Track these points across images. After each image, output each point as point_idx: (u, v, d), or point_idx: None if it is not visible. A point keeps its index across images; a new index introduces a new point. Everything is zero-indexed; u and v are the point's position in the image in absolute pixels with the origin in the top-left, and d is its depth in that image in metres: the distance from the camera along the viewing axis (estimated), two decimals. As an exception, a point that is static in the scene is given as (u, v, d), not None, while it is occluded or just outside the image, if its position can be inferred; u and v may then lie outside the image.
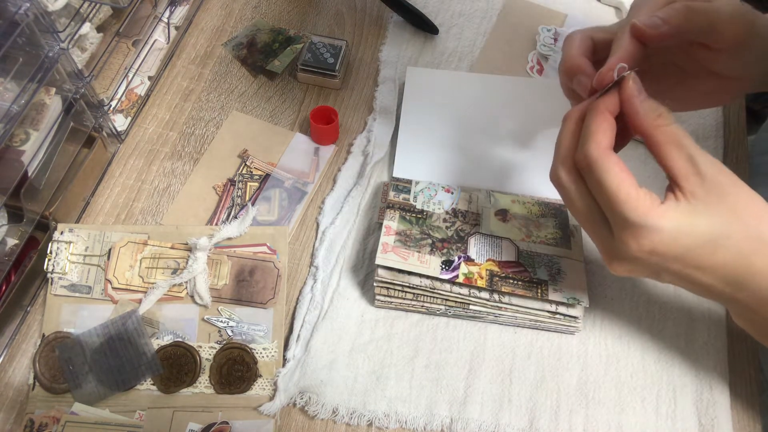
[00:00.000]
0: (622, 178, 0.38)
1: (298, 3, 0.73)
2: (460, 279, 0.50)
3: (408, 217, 0.54)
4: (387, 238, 0.52)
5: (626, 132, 0.43)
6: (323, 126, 0.60)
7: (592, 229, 0.42)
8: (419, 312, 0.53)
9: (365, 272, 0.55)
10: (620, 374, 0.51)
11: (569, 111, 0.43)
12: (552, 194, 0.59)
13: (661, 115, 0.39)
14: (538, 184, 0.60)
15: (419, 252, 0.52)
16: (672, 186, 0.39)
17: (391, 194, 0.56)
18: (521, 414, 0.49)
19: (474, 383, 0.50)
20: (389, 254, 0.51)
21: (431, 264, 0.51)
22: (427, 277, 0.50)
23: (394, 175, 0.60)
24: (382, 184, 0.60)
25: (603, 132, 0.40)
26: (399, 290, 0.51)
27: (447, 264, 0.51)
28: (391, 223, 0.54)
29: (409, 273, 0.51)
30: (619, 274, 0.42)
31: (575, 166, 0.41)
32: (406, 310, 0.53)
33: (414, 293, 0.51)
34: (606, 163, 0.38)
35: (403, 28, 0.71)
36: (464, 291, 0.50)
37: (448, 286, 0.51)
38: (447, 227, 0.54)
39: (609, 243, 0.41)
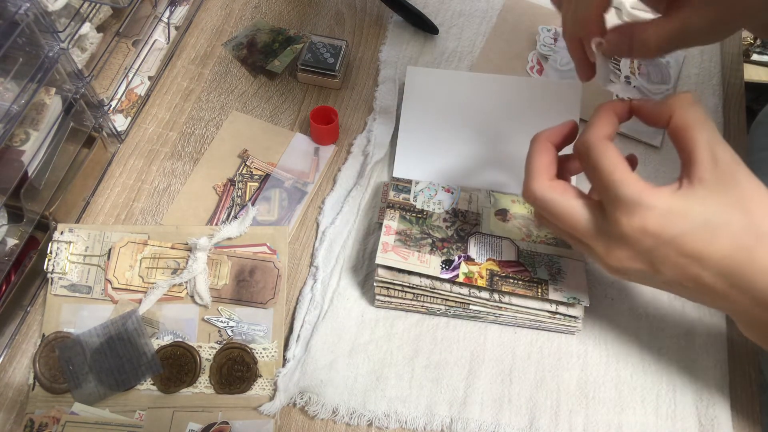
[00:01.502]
0: (618, 161, 0.40)
1: (298, 3, 0.73)
2: (461, 278, 0.50)
3: (408, 217, 0.54)
4: (387, 238, 0.52)
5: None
6: (323, 126, 0.60)
7: (578, 224, 0.42)
8: (419, 312, 0.53)
9: (365, 272, 0.55)
10: (620, 374, 0.51)
11: (537, 135, 0.46)
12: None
13: (688, 97, 0.41)
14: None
15: (419, 251, 0.52)
16: (682, 173, 0.40)
17: (391, 194, 0.56)
18: (521, 414, 0.49)
19: (474, 383, 0.50)
20: (389, 254, 0.51)
21: (431, 263, 0.51)
22: (428, 276, 0.50)
23: (394, 175, 0.60)
24: (382, 184, 0.60)
25: (605, 124, 0.42)
26: (399, 290, 0.51)
27: (447, 263, 0.51)
28: (392, 222, 0.54)
29: (409, 273, 0.51)
30: (615, 267, 0.42)
31: (552, 177, 0.44)
32: (406, 310, 0.53)
33: (414, 293, 0.51)
34: (603, 147, 0.41)
35: (403, 28, 0.71)
36: (464, 291, 0.50)
37: (448, 286, 0.51)
38: (447, 227, 0.54)
39: (599, 230, 0.41)
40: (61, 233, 0.54)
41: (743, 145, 0.64)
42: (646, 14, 0.65)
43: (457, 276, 0.50)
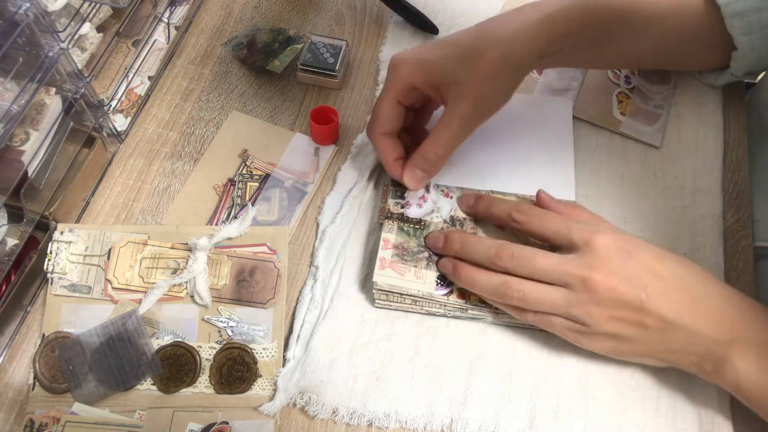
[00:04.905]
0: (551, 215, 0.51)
1: (298, 3, 0.73)
2: (455, 294, 0.50)
3: (406, 228, 0.54)
4: (384, 253, 0.52)
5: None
6: (323, 126, 0.60)
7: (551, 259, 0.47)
8: (419, 313, 0.53)
9: (365, 272, 0.55)
10: (620, 374, 0.51)
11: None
12: (551, 194, 0.59)
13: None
14: (538, 183, 0.59)
15: (416, 266, 0.51)
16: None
17: (390, 201, 0.56)
18: (521, 414, 0.49)
19: (474, 383, 0.50)
20: (386, 270, 0.51)
21: (427, 279, 0.51)
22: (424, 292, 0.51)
23: (394, 175, 0.60)
24: (383, 184, 0.60)
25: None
26: (398, 295, 0.51)
27: (442, 278, 0.51)
28: (389, 235, 0.53)
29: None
30: (601, 296, 0.45)
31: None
32: (406, 311, 0.53)
33: (413, 299, 0.51)
34: (545, 214, 0.51)
35: (403, 28, 0.71)
36: (461, 301, 0.51)
37: (444, 298, 0.51)
38: None
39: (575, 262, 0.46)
40: (61, 233, 0.54)
41: (743, 145, 0.64)
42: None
43: (451, 292, 0.51)
